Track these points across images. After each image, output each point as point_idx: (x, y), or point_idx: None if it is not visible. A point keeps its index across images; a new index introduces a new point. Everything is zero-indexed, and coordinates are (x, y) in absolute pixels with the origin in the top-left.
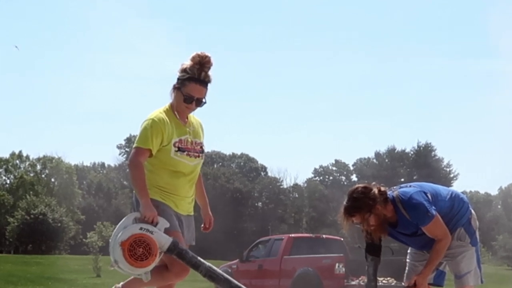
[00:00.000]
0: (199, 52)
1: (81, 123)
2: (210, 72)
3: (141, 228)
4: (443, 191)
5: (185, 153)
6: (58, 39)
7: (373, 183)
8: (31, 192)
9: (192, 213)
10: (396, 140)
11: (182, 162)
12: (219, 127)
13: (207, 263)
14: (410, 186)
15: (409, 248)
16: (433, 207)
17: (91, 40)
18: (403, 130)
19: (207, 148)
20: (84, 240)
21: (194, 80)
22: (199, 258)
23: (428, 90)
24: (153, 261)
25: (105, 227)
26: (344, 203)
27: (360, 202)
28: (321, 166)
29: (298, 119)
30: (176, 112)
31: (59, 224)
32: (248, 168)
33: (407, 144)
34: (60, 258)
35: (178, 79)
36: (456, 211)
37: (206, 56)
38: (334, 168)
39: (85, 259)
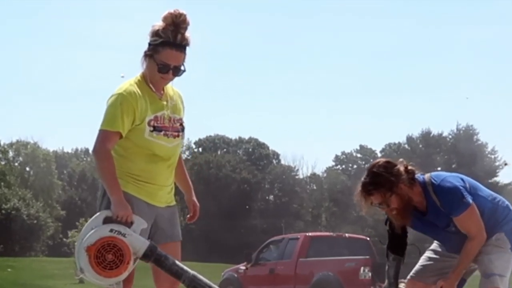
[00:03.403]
0: (171, 10)
1: (60, 102)
2: (187, 33)
3: (111, 230)
4: (485, 190)
5: (162, 132)
6: (33, 2)
7: (400, 159)
8: (2, 184)
9: (173, 203)
10: (432, 122)
11: (159, 144)
12: (223, 107)
13: (192, 272)
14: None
15: (433, 243)
16: (471, 196)
17: (72, 3)
18: (440, 110)
19: (209, 132)
20: (64, 239)
21: (169, 45)
22: (181, 265)
23: (470, 63)
24: (125, 270)
25: None
26: (362, 178)
27: (380, 178)
28: (343, 153)
29: (317, 97)
30: (150, 84)
31: (35, 221)
32: (258, 155)
33: (444, 126)
34: (37, 260)
35: (150, 44)
36: (499, 218)
37: (181, 14)
38: (358, 155)
39: (66, 262)
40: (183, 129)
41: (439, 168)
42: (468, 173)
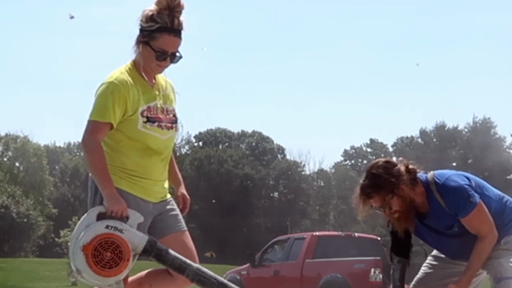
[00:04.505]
0: None
1: (53, 93)
2: (182, 17)
3: (107, 226)
4: (492, 189)
5: (156, 124)
6: None
7: (400, 158)
8: None
9: (167, 197)
10: (447, 114)
11: (152, 136)
12: (224, 99)
13: (195, 265)
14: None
15: (435, 250)
16: (477, 195)
17: None
18: (455, 101)
19: (210, 125)
20: (56, 239)
21: (166, 31)
22: (184, 259)
23: (487, 53)
24: (125, 267)
25: None
26: (361, 180)
27: (380, 180)
28: (352, 147)
29: (324, 87)
30: (142, 72)
31: (25, 220)
32: (262, 149)
33: (460, 119)
34: (27, 262)
35: (144, 30)
36: (506, 219)
37: None
38: (369, 150)
39: (58, 263)
40: (176, 121)
41: (454, 164)
42: (485, 169)
